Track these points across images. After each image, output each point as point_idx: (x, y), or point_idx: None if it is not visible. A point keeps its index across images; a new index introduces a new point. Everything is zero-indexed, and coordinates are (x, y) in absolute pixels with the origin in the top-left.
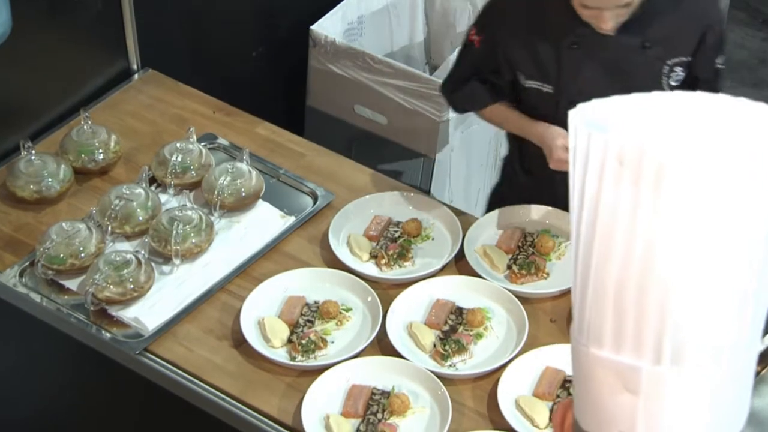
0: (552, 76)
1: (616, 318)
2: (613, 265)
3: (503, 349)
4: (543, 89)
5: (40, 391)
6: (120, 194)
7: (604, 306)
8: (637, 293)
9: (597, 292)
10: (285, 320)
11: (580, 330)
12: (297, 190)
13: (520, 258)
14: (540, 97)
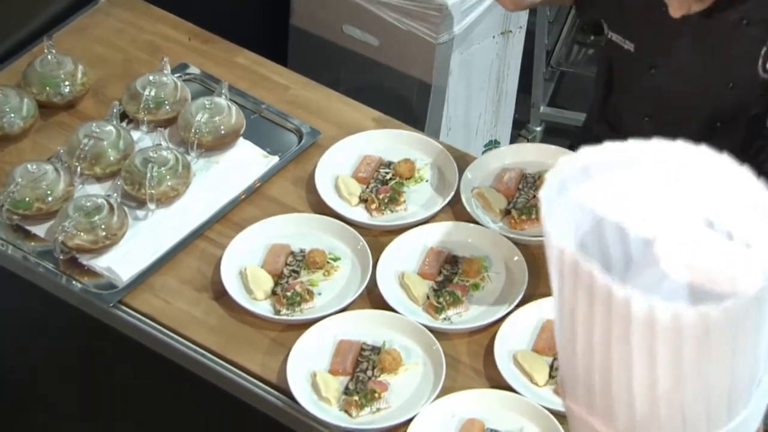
0: (636, 34)
1: (588, 390)
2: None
3: (501, 301)
4: (624, 46)
5: (4, 346)
6: (89, 132)
7: (575, 373)
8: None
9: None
10: (268, 270)
11: (563, 385)
12: (281, 126)
13: (519, 202)
14: (620, 53)
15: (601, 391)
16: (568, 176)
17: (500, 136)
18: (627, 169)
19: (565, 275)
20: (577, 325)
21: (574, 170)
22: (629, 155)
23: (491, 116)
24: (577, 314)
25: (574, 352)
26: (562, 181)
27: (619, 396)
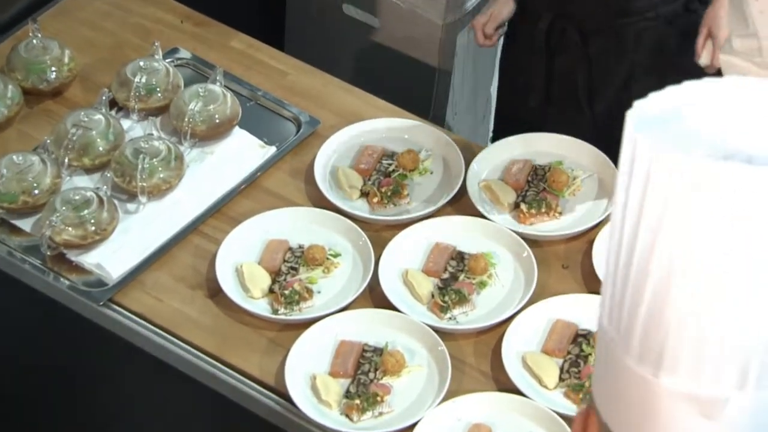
0: None
1: (695, 343)
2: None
3: (509, 300)
4: None
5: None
6: (77, 121)
7: (679, 331)
8: (720, 315)
9: (667, 315)
10: (266, 267)
11: (642, 358)
12: (278, 115)
13: (529, 195)
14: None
15: (717, 333)
16: (662, 112)
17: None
18: (729, 104)
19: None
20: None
21: (669, 106)
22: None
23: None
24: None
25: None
26: (656, 117)
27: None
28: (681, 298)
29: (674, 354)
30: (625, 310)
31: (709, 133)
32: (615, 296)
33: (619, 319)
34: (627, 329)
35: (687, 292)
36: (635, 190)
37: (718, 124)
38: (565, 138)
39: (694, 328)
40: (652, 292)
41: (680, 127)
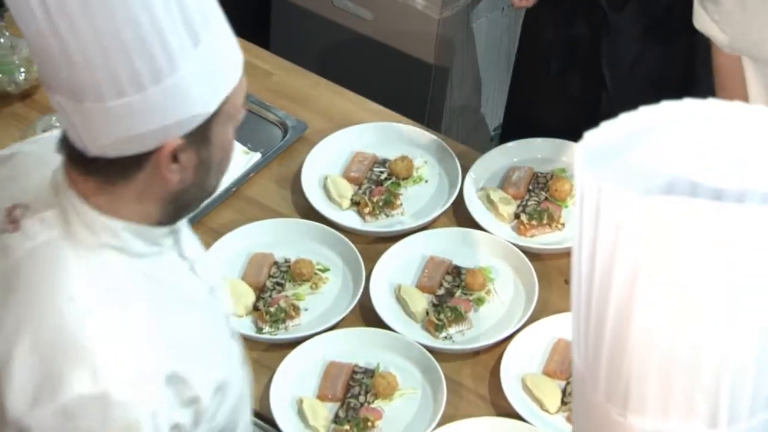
0: None
1: (660, 382)
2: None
3: (508, 318)
4: None
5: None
6: (48, 126)
7: (642, 370)
8: (691, 354)
9: (628, 354)
10: (249, 283)
11: (610, 397)
12: (263, 119)
13: (530, 205)
14: None
15: (687, 371)
16: (609, 143)
17: None
18: (676, 130)
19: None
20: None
21: (617, 136)
22: (674, 117)
23: (501, 99)
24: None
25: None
26: (604, 149)
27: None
28: (640, 337)
29: (640, 393)
30: (590, 348)
31: (653, 164)
32: (580, 332)
33: (586, 356)
34: (593, 367)
35: (646, 330)
36: (587, 226)
37: (662, 153)
38: (569, 143)
39: (657, 367)
40: (612, 329)
41: (626, 160)
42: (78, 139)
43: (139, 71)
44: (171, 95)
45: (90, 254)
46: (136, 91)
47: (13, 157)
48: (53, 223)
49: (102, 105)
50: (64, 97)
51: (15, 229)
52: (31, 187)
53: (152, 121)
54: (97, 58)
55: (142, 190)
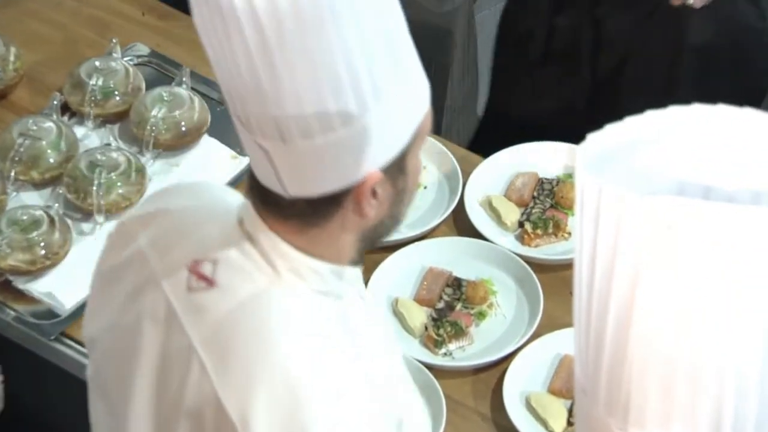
0: None
1: (663, 392)
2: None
3: (511, 333)
4: None
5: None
6: (25, 130)
7: (642, 381)
8: (692, 362)
9: (628, 365)
10: None
11: (610, 409)
12: None
13: (534, 212)
14: None
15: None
16: (614, 147)
17: None
18: (684, 134)
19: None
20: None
21: (622, 140)
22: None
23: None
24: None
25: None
26: (609, 153)
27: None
28: (640, 344)
29: (640, 405)
30: (590, 357)
31: (662, 168)
32: (581, 342)
33: (587, 366)
34: (594, 378)
35: (646, 337)
36: (587, 229)
37: (671, 157)
38: (576, 147)
39: (657, 377)
40: (612, 337)
41: (632, 164)
42: (276, 182)
43: (348, 103)
44: (376, 126)
45: (301, 301)
46: (343, 124)
47: (159, 215)
48: (255, 273)
49: (310, 142)
50: (268, 139)
51: (210, 285)
52: (207, 241)
53: (357, 155)
54: (311, 93)
55: (340, 228)
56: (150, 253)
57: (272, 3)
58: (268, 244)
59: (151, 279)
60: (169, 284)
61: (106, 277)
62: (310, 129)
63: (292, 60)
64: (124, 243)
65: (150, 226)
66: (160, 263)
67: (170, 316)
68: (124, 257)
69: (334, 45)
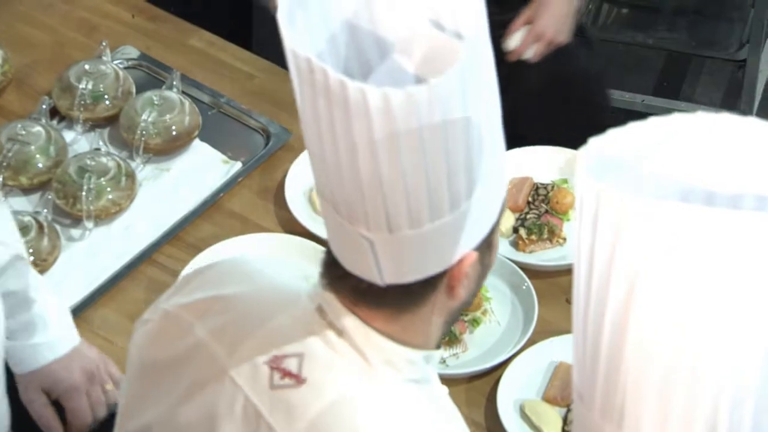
0: None
1: (659, 400)
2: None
3: (506, 340)
4: None
5: None
6: (13, 135)
7: (637, 388)
8: (690, 370)
9: (632, 370)
10: None
11: (605, 415)
12: (244, 125)
13: (529, 218)
14: None
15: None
16: (617, 152)
17: None
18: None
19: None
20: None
21: (624, 146)
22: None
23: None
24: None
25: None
26: (611, 158)
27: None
28: (637, 350)
29: (636, 411)
30: (587, 361)
31: (665, 173)
32: (579, 349)
33: (583, 371)
34: (590, 383)
35: (642, 343)
36: (586, 232)
37: (675, 162)
38: (570, 152)
39: (653, 383)
40: (609, 341)
41: (636, 170)
42: (373, 271)
43: (459, 190)
44: (477, 208)
45: (399, 394)
46: (451, 210)
47: (214, 302)
48: (348, 367)
49: (418, 231)
50: (373, 231)
51: (299, 383)
52: (283, 333)
53: (457, 237)
54: (426, 182)
55: (430, 312)
56: (214, 347)
57: (410, 100)
58: (358, 335)
59: (220, 375)
60: (246, 382)
61: (155, 368)
62: (420, 218)
63: (416, 155)
64: (176, 334)
65: (206, 315)
66: (230, 359)
67: (252, 414)
68: (180, 349)
69: (458, 138)
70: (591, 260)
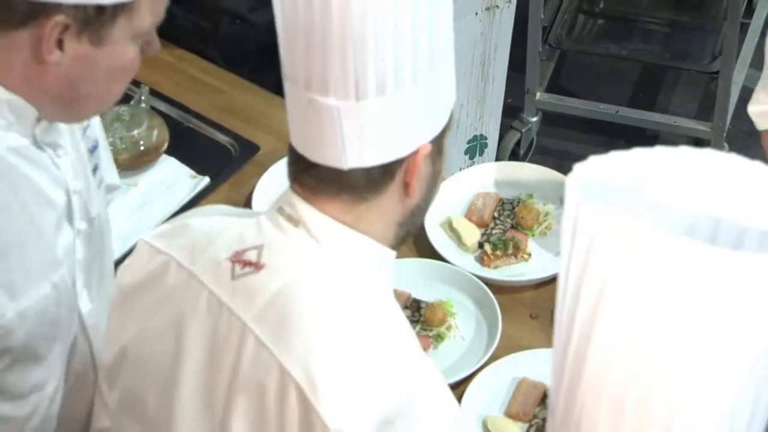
0: None
1: (613, 417)
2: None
3: (469, 355)
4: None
5: None
6: None
7: (598, 406)
8: (643, 391)
9: (590, 386)
10: None
11: (565, 428)
12: (213, 140)
13: (495, 233)
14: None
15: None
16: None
17: (487, 130)
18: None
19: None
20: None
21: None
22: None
23: (475, 107)
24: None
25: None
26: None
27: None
28: (596, 368)
29: (590, 426)
30: (556, 376)
31: (667, 203)
32: (554, 361)
33: (553, 383)
34: (555, 396)
35: (602, 362)
36: (566, 246)
37: (679, 194)
38: (536, 168)
39: (608, 403)
40: (573, 358)
41: (620, 193)
42: (337, 151)
43: (419, 63)
44: (432, 93)
45: (346, 271)
46: (414, 81)
47: (181, 228)
48: (302, 253)
49: (381, 99)
50: (341, 99)
51: (258, 269)
52: (244, 235)
53: (415, 121)
54: (394, 48)
55: (386, 205)
56: (181, 258)
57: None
58: (313, 223)
59: (186, 280)
60: (210, 278)
61: (131, 292)
62: (385, 84)
63: (385, 16)
64: (147, 257)
65: (174, 238)
66: (196, 264)
67: (215, 305)
68: (149, 269)
69: (421, 12)
70: (567, 272)
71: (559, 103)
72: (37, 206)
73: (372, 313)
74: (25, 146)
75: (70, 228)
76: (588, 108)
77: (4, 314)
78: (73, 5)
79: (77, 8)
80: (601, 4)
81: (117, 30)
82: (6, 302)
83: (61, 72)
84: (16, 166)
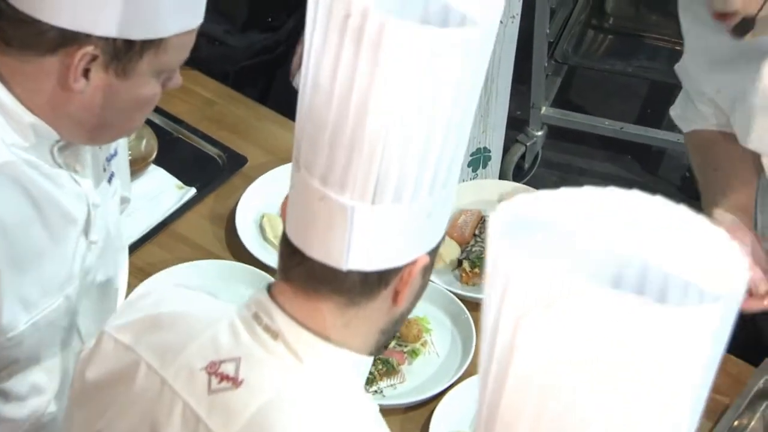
0: None
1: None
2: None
3: (444, 371)
4: None
5: None
6: None
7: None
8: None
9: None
10: None
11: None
12: (202, 151)
13: (474, 251)
14: None
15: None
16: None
17: (490, 143)
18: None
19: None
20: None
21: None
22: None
23: (479, 121)
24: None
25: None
26: (522, 222)
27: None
28: (509, 405)
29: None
30: (479, 404)
31: (596, 245)
32: (478, 407)
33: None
34: (477, 426)
35: (515, 401)
36: (494, 299)
37: (608, 236)
38: (518, 186)
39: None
40: (490, 393)
41: (543, 232)
42: (341, 251)
43: (441, 172)
44: (442, 207)
45: (330, 393)
46: (430, 192)
47: (149, 321)
48: (282, 369)
49: (397, 206)
50: (357, 199)
51: (236, 385)
52: (219, 341)
53: (422, 230)
54: (420, 158)
55: (374, 314)
56: (150, 359)
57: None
58: (291, 335)
59: (158, 386)
60: (184, 388)
61: (94, 388)
62: (402, 192)
63: (419, 130)
64: (113, 353)
65: (142, 333)
66: (167, 370)
67: (192, 419)
68: (117, 367)
69: (452, 132)
70: (488, 306)
71: (565, 118)
72: (59, 222)
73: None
74: (47, 165)
75: (85, 240)
76: (593, 123)
77: (17, 326)
78: (104, 38)
79: (107, 41)
80: (610, 20)
81: (143, 64)
82: (20, 313)
83: (85, 100)
84: (39, 183)
